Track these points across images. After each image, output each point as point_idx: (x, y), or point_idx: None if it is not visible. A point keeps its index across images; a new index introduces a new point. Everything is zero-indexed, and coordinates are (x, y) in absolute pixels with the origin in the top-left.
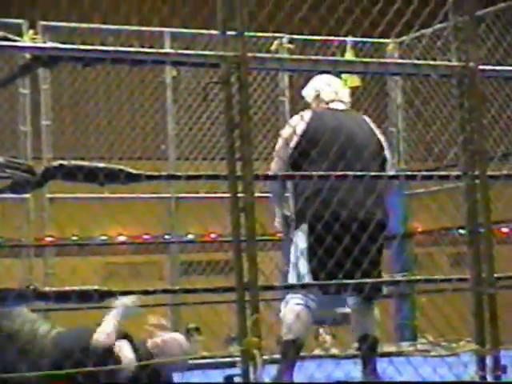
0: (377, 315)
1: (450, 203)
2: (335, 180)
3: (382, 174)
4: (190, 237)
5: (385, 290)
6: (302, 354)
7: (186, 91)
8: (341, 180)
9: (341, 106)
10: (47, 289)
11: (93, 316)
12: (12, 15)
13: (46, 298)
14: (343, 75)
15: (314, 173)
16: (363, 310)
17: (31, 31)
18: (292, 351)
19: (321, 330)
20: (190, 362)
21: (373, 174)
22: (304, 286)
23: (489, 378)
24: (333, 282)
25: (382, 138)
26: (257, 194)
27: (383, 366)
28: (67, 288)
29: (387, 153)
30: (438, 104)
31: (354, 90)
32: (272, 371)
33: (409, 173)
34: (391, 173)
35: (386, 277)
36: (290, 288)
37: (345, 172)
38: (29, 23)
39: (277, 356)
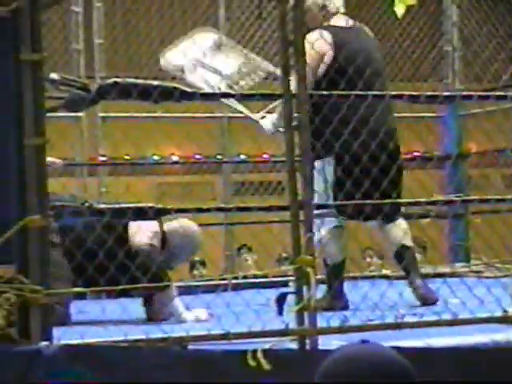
0: (403, 226)
1: (505, 124)
2: (364, 110)
3: (436, 94)
4: (243, 157)
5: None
6: (354, 274)
7: (239, 9)
8: (369, 110)
9: (349, 21)
10: (103, 206)
11: None
12: None
13: (102, 214)
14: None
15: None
16: (386, 229)
17: None
18: (334, 274)
19: (366, 252)
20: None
21: (429, 94)
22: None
23: None
24: (368, 201)
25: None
26: None
27: (437, 286)
28: (123, 205)
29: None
30: (494, 23)
31: (408, 8)
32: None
33: (464, 93)
34: (446, 93)
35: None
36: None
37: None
38: None
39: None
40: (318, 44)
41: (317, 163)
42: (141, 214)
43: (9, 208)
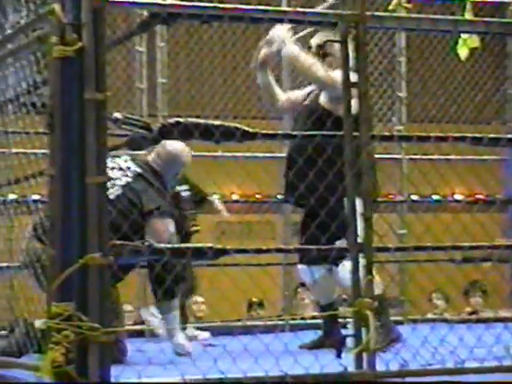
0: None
1: None
2: None
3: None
4: None
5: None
6: (415, 316)
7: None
8: None
9: None
10: (162, 245)
11: (206, 273)
12: None
13: (161, 253)
14: (462, 35)
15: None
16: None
17: None
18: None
19: (433, 294)
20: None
21: (492, 136)
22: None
23: None
24: None
25: None
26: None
27: (498, 332)
28: (182, 245)
29: None
30: None
31: (473, 50)
32: None
33: None
34: (510, 136)
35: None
36: (403, 250)
37: None
38: None
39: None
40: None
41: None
42: (200, 254)
43: (70, 246)
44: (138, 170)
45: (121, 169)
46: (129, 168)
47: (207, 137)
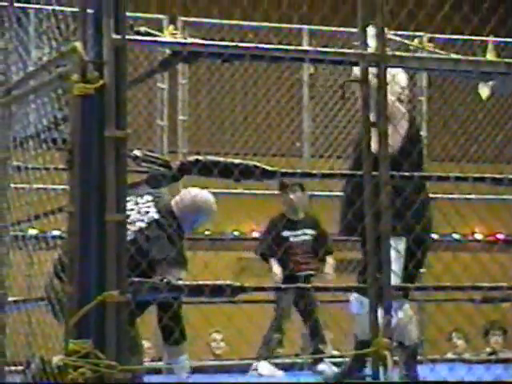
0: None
1: None
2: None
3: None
4: None
5: None
6: (433, 356)
7: (322, 88)
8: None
9: None
10: (180, 282)
11: (225, 311)
12: (152, 10)
13: (180, 291)
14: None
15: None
16: None
17: (171, 26)
18: (414, 356)
19: (453, 334)
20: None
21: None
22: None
23: None
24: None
25: None
26: None
27: None
28: (201, 282)
29: None
30: None
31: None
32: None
33: None
34: None
35: None
36: (423, 289)
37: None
38: (169, 18)
39: None
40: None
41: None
42: (218, 291)
43: (88, 283)
44: (156, 216)
45: (139, 212)
46: (147, 212)
47: (226, 175)
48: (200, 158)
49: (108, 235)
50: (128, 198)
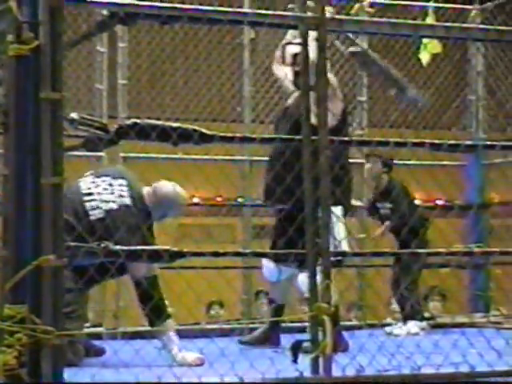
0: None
1: None
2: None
3: (459, 142)
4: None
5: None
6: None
7: (263, 53)
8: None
9: None
10: (118, 247)
11: (163, 275)
12: None
13: (116, 255)
14: (424, 40)
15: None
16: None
17: None
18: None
19: (392, 299)
20: None
21: (451, 142)
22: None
23: None
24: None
25: None
26: None
27: (454, 338)
28: (138, 247)
29: None
30: None
31: (434, 56)
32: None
33: (488, 142)
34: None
35: None
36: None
37: None
38: None
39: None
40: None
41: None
42: (157, 256)
43: (23, 247)
44: (128, 201)
45: (112, 193)
46: (121, 196)
47: (165, 138)
48: (138, 121)
49: (44, 199)
50: (102, 179)
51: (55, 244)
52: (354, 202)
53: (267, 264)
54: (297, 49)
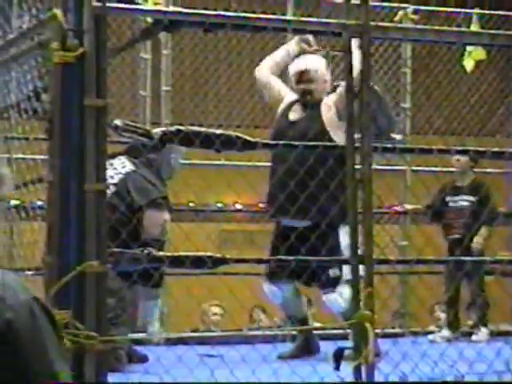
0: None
1: None
2: None
3: (503, 150)
4: None
5: None
6: (416, 329)
7: None
8: None
9: None
10: (161, 253)
11: (206, 281)
12: None
13: (160, 262)
14: (468, 47)
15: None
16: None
17: None
18: None
19: (436, 307)
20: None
21: (495, 150)
22: None
23: None
24: None
25: None
26: (374, 167)
27: (499, 346)
28: (181, 253)
29: None
30: None
31: (478, 63)
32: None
33: None
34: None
35: None
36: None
37: None
38: None
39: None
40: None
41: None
42: (199, 263)
43: (67, 253)
44: (132, 167)
45: (115, 168)
46: (123, 167)
47: (208, 145)
48: (181, 128)
49: (88, 204)
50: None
51: (99, 250)
52: (408, 207)
53: (267, 287)
54: (302, 66)
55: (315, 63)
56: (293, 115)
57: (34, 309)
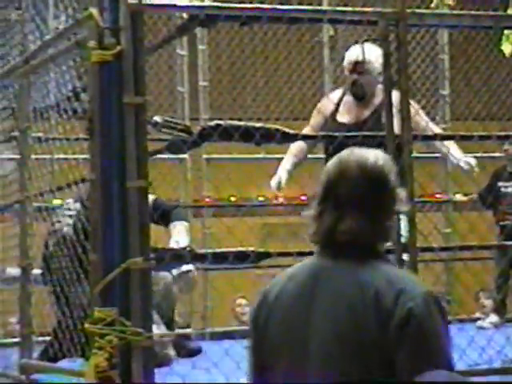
0: None
1: None
2: None
3: None
4: None
5: None
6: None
7: (343, 50)
8: None
9: None
10: (204, 250)
11: (248, 276)
12: None
13: (203, 259)
14: (506, 31)
15: None
16: None
17: None
18: None
19: (480, 293)
20: None
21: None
22: None
23: None
24: None
25: None
26: (415, 155)
27: None
28: (224, 249)
29: None
30: None
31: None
32: None
33: None
34: None
35: None
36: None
37: None
38: None
39: None
40: None
41: None
42: (243, 257)
43: (112, 250)
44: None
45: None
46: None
47: (247, 139)
48: (221, 122)
49: (130, 202)
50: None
51: (142, 246)
52: (460, 197)
53: None
54: (357, 56)
55: (371, 54)
56: (346, 117)
57: (428, 299)
